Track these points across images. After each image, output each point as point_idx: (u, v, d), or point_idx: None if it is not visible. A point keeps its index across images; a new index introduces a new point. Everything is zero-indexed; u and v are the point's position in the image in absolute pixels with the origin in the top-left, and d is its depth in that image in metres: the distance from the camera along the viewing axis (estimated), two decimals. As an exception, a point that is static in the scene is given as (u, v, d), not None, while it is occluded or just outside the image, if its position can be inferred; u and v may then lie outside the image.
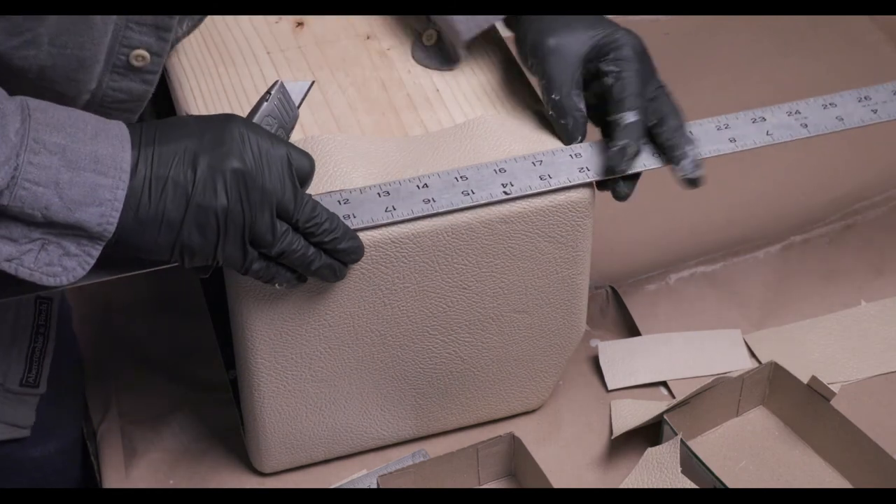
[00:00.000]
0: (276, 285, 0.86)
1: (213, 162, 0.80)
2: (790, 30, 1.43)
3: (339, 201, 0.89)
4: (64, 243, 0.78)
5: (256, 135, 0.82)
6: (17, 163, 0.74)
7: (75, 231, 0.77)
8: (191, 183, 0.79)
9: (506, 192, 0.90)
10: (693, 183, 0.92)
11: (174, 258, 0.82)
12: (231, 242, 0.82)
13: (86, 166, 0.76)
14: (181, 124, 0.81)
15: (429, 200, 0.90)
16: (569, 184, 0.91)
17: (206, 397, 1.10)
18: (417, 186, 0.90)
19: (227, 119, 0.82)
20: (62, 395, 1.11)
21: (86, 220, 0.77)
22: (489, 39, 1.02)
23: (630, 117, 0.90)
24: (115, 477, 1.04)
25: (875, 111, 0.98)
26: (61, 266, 0.78)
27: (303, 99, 0.91)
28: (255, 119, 0.86)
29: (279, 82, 0.88)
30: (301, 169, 0.84)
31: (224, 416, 1.08)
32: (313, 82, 0.92)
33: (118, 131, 0.79)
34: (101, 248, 0.79)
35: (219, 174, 0.80)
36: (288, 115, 0.88)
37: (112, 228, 0.78)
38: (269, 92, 0.87)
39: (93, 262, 0.79)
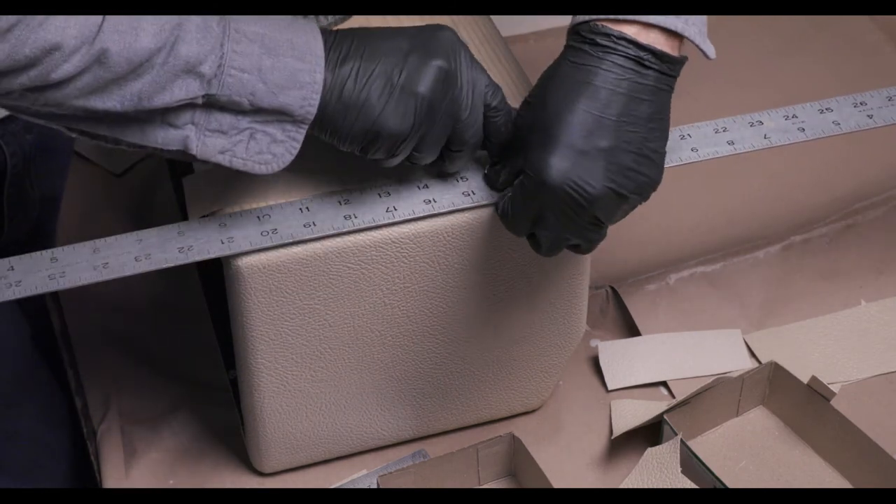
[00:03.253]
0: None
1: (423, 57, 0.83)
2: (790, 30, 1.43)
3: (339, 202, 0.90)
4: (270, 130, 0.82)
5: (463, 48, 0.85)
6: (222, 52, 0.78)
7: (280, 116, 0.81)
8: (399, 73, 0.82)
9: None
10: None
11: (363, 145, 0.84)
12: (432, 135, 0.85)
13: (285, 52, 0.80)
14: (393, 30, 0.85)
15: (429, 201, 0.90)
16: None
17: (206, 397, 1.10)
18: (418, 187, 0.90)
19: (441, 27, 0.86)
20: None
21: (289, 104, 0.80)
22: (489, 39, 1.02)
23: None
24: (115, 477, 1.04)
25: (871, 116, 0.98)
26: (271, 153, 0.82)
27: None
28: None
29: None
30: (492, 104, 0.87)
31: (224, 416, 1.08)
32: None
33: (308, 23, 0.83)
34: (304, 131, 0.82)
35: (427, 67, 0.83)
36: None
37: (314, 111, 0.81)
38: None
39: (298, 146, 0.83)
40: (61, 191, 1.21)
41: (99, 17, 0.74)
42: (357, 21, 1.03)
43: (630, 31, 0.83)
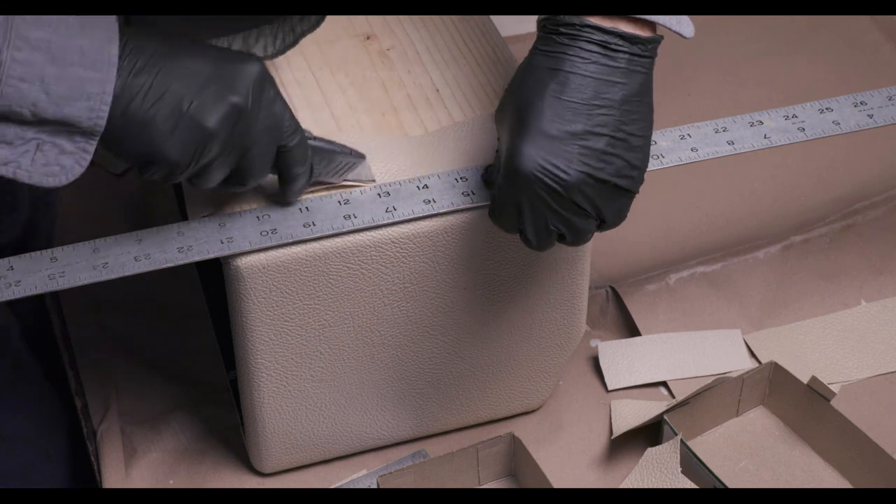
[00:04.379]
0: None
1: (220, 90, 0.80)
2: (790, 30, 1.43)
3: (339, 202, 0.90)
4: (58, 141, 0.78)
5: (268, 83, 0.83)
6: (0, 59, 0.74)
7: (67, 127, 0.77)
8: (190, 102, 0.79)
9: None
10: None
11: (139, 165, 0.81)
12: (213, 168, 0.82)
13: (72, 60, 0.76)
14: (202, 48, 0.82)
15: (429, 201, 0.90)
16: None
17: (206, 397, 1.10)
18: (418, 187, 0.90)
19: (249, 58, 0.82)
20: None
21: (75, 115, 0.77)
22: (489, 39, 1.02)
23: None
24: (115, 477, 1.04)
25: (871, 116, 0.98)
26: (59, 165, 0.78)
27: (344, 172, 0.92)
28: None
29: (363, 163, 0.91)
30: (288, 144, 0.84)
31: (224, 416, 1.08)
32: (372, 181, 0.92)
33: (106, 24, 0.78)
34: (95, 143, 0.78)
35: (221, 102, 0.80)
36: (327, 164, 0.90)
37: (103, 122, 0.77)
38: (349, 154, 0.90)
39: (89, 158, 0.79)
40: (55, 193, 1.21)
41: None
42: (355, 22, 1.03)
43: (594, 18, 0.83)
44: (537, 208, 0.84)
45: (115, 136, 0.79)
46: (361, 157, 0.91)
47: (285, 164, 0.86)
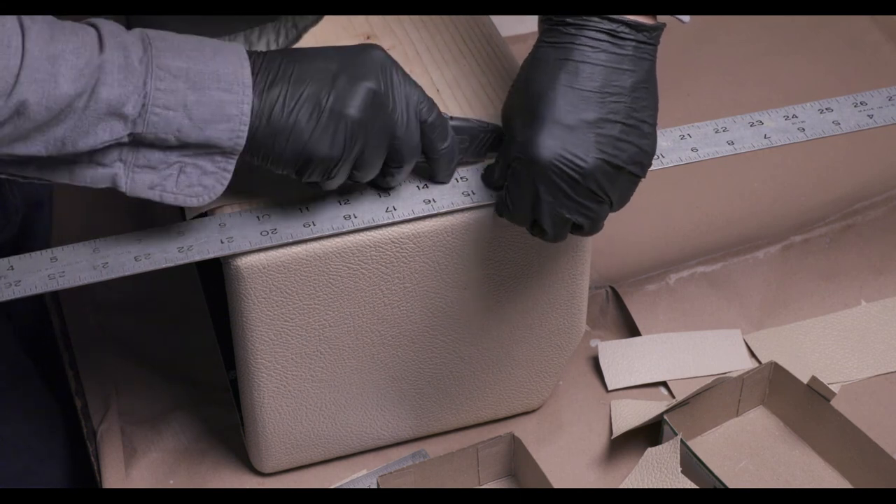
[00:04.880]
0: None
1: (352, 78, 0.83)
2: (790, 30, 1.43)
3: (339, 201, 0.90)
4: (200, 163, 0.82)
5: (394, 66, 0.84)
6: (145, 91, 0.78)
7: (209, 149, 0.81)
8: (327, 95, 0.82)
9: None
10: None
11: (297, 169, 0.84)
12: (368, 155, 0.84)
13: (210, 85, 0.80)
14: (321, 49, 0.85)
15: (429, 201, 0.90)
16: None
17: (206, 397, 1.10)
18: (418, 187, 0.90)
19: (371, 46, 0.85)
20: None
21: (217, 137, 0.80)
22: (489, 39, 1.02)
23: None
24: (115, 477, 1.04)
25: (871, 116, 0.98)
26: (201, 185, 0.83)
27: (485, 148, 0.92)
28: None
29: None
30: (428, 120, 0.86)
31: (224, 416, 1.08)
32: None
33: (235, 49, 0.82)
34: (234, 162, 0.82)
35: (356, 88, 0.82)
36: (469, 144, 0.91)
37: (242, 142, 0.81)
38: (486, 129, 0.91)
39: (229, 177, 0.83)
40: (47, 196, 1.20)
41: (15, 67, 0.74)
42: (355, 22, 1.03)
43: None
44: (555, 197, 0.85)
45: (265, 147, 0.82)
46: (499, 129, 0.91)
47: (429, 141, 0.88)
